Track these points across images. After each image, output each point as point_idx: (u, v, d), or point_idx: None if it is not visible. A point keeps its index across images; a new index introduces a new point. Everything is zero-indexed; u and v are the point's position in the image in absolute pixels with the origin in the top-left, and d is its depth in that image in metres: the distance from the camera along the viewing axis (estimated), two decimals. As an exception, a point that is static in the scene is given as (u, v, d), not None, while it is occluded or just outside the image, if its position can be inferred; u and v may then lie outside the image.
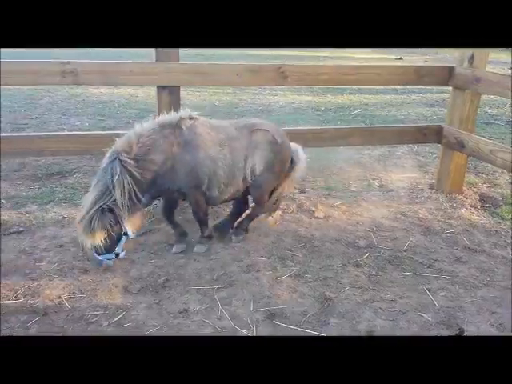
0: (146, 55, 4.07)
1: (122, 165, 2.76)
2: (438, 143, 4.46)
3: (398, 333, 2.54)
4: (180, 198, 3.24)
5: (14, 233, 3.37)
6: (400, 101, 8.83)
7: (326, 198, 4.22)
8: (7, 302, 2.65)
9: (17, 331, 2.43)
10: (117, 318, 2.57)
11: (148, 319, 2.58)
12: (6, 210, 3.71)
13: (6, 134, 4.51)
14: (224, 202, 3.42)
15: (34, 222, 3.55)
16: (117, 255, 2.95)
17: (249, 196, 3.48)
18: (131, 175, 2.79)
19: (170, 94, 3.57)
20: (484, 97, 7.35)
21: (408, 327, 2.61)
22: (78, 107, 7.11)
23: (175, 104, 3.60)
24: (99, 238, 2.77)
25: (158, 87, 3.54)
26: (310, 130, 4.18)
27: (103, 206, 2.74)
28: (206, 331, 2.51)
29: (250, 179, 3.25)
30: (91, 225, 2.71)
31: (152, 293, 2.81)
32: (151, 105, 7.43)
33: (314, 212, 3.92)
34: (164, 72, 3.44)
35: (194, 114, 3.11)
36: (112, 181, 2.72)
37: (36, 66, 3.34)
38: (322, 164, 5.14)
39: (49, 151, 3.41)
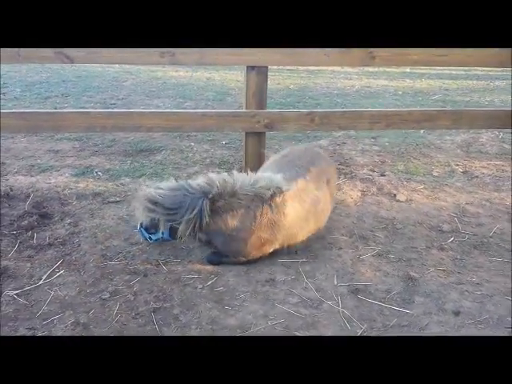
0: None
1: (209, 206, 2.67)
2: (530, 129, 4.26)
3: (485, 315, 2.53)
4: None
5: (112, 202, 3.65)
6: (482, 87, 8.44)
7: (407, 182, 4.18)
8: (112, 262, 2.91)
9: (121, 289, 2.68)
10: (210, 283, 2.75)
11: (238, 285, 2.74)
12: (102, 182, 4.02)
13: (106, 110, 4.82)
14: None
15: (128, 193, 3.80)
16: (150, 238, 2.92)
17: None
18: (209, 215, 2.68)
19: (257, 75, 3.66)
20: None
21: (495, 310, 2.59)
22: (160, 89, 7.43)
23: (262, 84, 3.70)
24: (143, 214, 2.74)
25: (248, 67, 3.64)
26: (395, 111, 4.11)
27: (168, 221, 2.72)
28: (293, 300, 2.63)
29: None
30: (148, 202, 2.69)
31: (240, 262, 2.96)
32: (227, 88, 7.64)
33: (395, 195, 3.91)
34: (254, 52, 3.52)
35: (285, 187, 2.88)
36: (189, 213, 2.64)
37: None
38: (402, 148, 5.07)
39: (145, 127, 3.62)
